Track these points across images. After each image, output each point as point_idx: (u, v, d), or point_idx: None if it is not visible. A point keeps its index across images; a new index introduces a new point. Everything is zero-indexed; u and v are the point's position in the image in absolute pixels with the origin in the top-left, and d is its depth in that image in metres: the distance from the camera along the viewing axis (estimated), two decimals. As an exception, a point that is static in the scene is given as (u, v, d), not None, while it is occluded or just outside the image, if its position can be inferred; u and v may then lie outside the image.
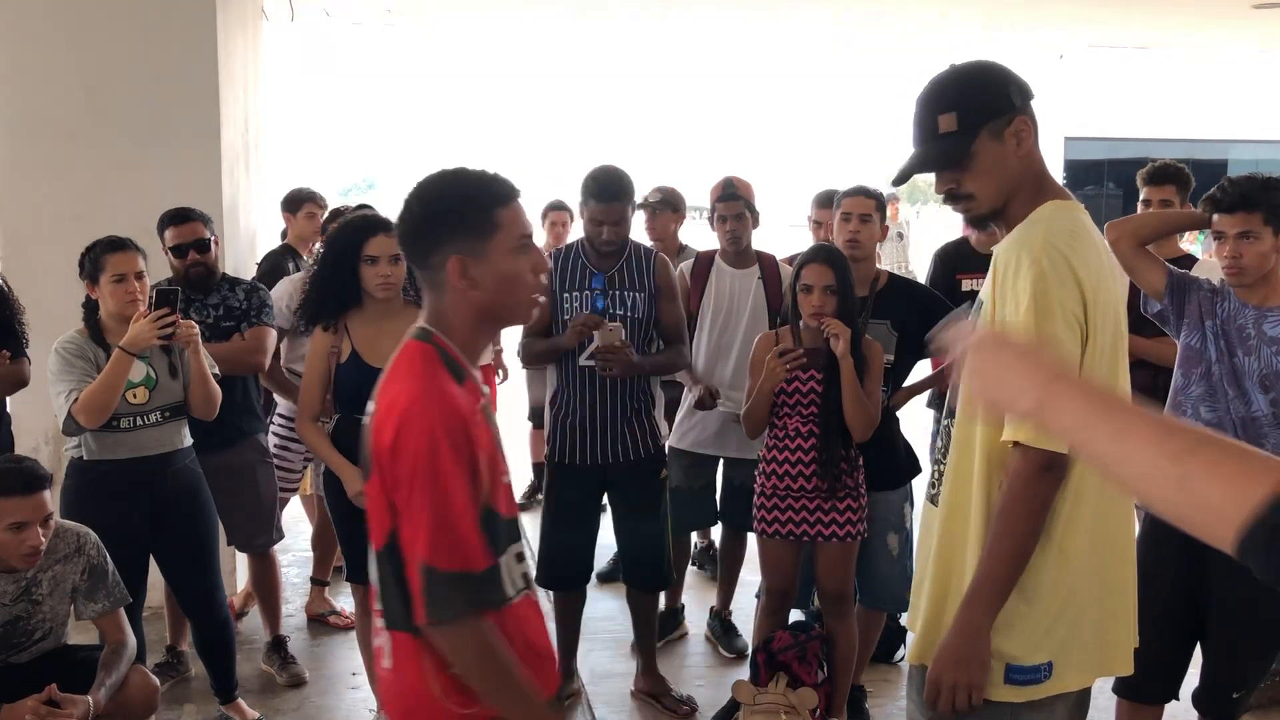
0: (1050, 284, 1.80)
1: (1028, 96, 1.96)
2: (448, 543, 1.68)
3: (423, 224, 1.81)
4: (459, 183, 1.84)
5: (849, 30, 10.03)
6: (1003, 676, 1.90)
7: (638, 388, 3.74)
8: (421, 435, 1.69)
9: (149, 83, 4.67)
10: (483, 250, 1.79)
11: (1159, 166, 3.96)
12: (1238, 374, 2.85)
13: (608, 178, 3.65)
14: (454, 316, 1.83)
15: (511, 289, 1.82)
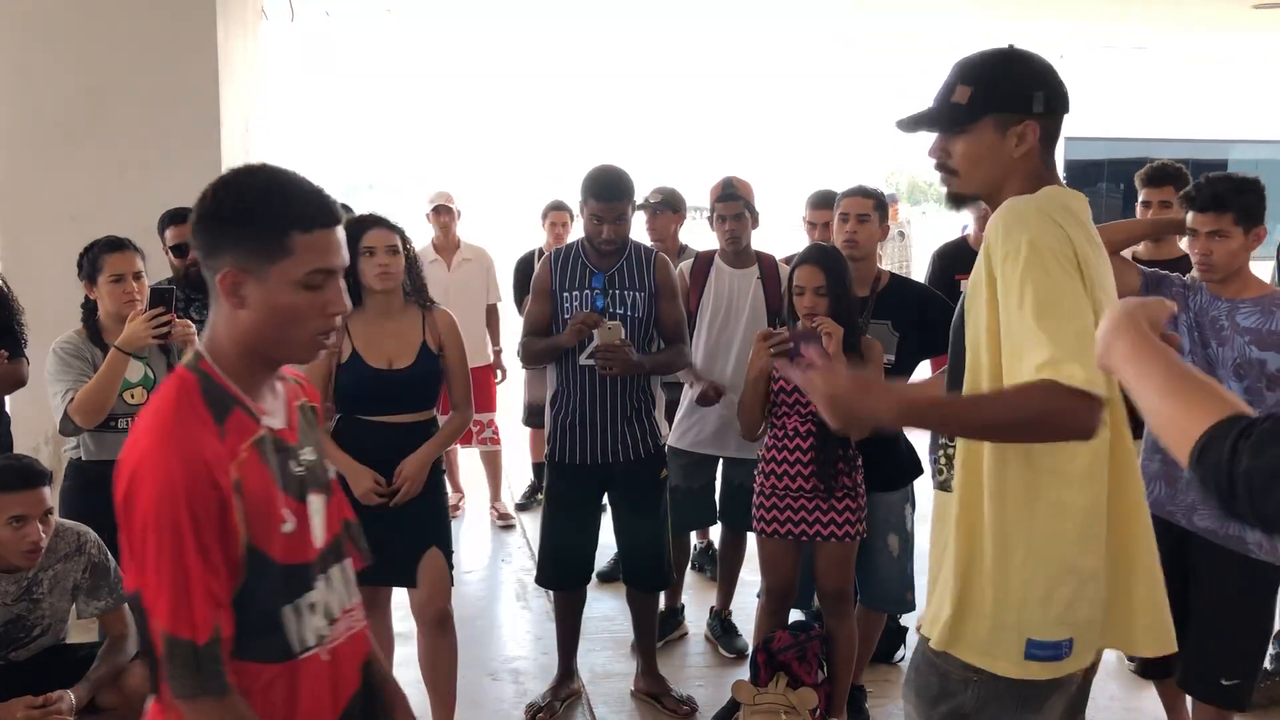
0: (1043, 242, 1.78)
1: (1055, 105, 1.95)
2: (186, 609, 1.49)
3: (212, 218, 1.58)
4: (269, 188, 1.58)
5: (849, 30, 10.04)
6: (1022, 651, 1.87)
7: (638, 387, 3.74)
8: (153, 491, 1.49)
9: (149, 83, 4.67)
10: (264, 272, 1.56)
11: (1157, 167, 3.97)
12: (1212, 364, 2.97)
13: (608, 177, 3.65)
14: (224, 337, 1.61)
15: (283, 324, 1.59)
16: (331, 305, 1.60)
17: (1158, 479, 3.08)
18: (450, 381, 3.46)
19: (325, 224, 1.59)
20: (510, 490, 6.49)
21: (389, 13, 9.12)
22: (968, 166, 1.98)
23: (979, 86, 1.94)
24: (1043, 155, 1.96)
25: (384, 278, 3.30)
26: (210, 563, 1.51)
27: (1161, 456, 3.09)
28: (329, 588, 1.71)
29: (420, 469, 3.34)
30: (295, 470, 1.66)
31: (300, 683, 1.64)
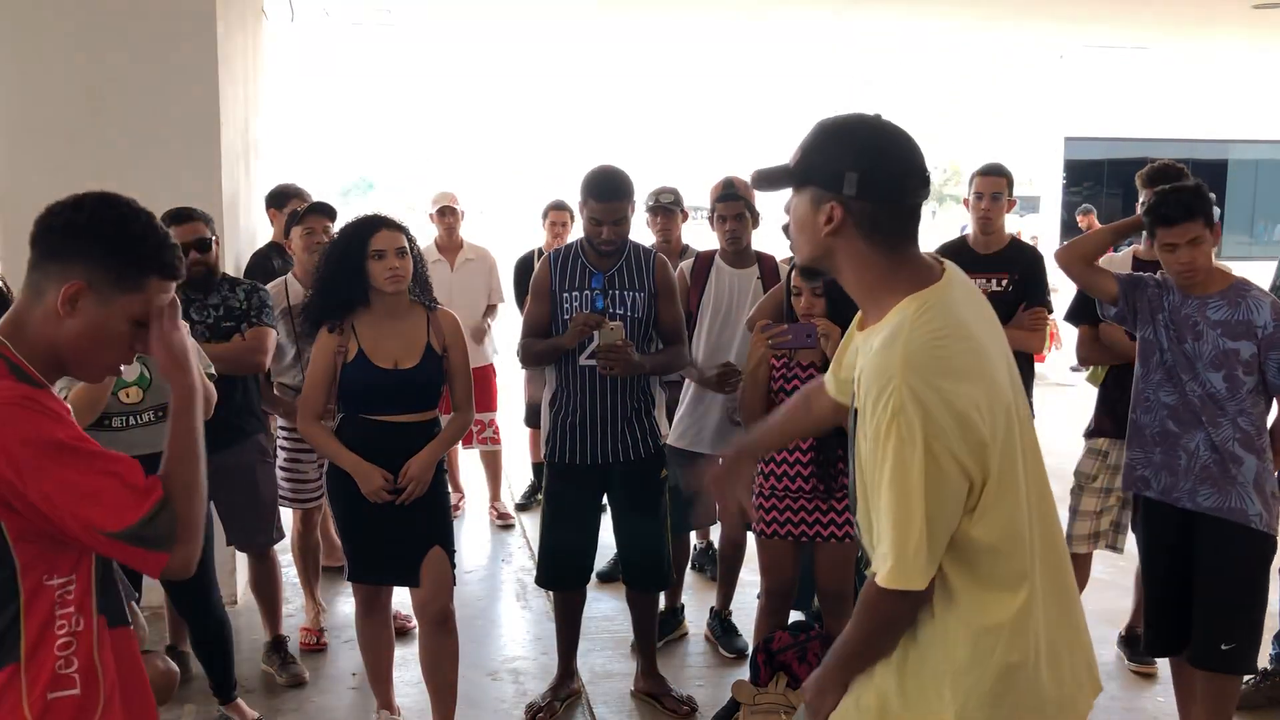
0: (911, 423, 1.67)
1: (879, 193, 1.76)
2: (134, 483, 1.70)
3: (83, 231, 1.69)
4: (149, 228, 1.74)
5: (850, 30, 10.04)
6: None
7: (637, 387, 3.74)
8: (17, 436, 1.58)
9: (149, 83, 4.66)
10: (109, 297, 1.68)
11: (1159, 167, 4.01)
12: (1189, 358, 3.17)
13: (607, 177, 3.65)
14: (36, 335, 1.69)
15: (98, 345, 1.71)
16: (140, 346, 1.76)
17: (1161, 469, 3.27)
18: (453, 382, 3.46)
19: (176, 277, 1.77)
20: (510, 490, 6.49)
21: (389, 13, 9.11)
22: (794, 233, 1.88)
23: (804, 153, 1.82)
24: (874, 243, 1.78)
25: (395, 280, 3.30)
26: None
27: (1161, 449, 3.26)
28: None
29: (426, 469, 3.34)
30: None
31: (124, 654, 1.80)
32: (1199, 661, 3.30)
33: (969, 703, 1.77)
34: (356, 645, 3.76)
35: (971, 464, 1.71)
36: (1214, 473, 3.18)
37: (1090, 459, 4.14)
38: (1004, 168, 4.43)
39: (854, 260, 1.81)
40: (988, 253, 4.34)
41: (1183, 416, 3.21)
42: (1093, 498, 4.12)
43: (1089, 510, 4.14)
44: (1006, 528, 1.76)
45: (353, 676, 4.11)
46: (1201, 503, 3.20)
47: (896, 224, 1.80)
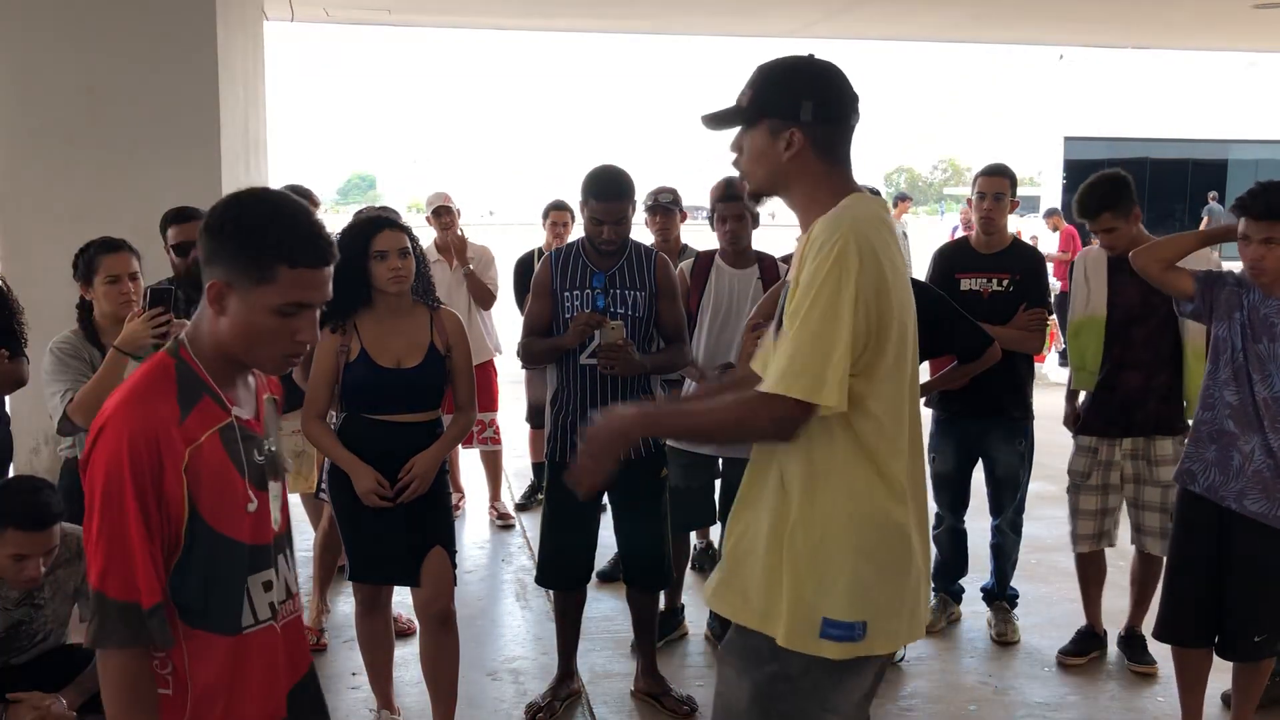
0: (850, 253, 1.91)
1: (829, 114, 2.05)
2: (118, 571, 1.66)
3: (215, 232, 1.74)
4: (271, 219, 1.73)
5: (849, 29, 10.04)
6: (819, 630, 1.99)
7: (638, 387, 3.74)
8: (104, 457, 1.67)
9: (149, 83, 4.67)
10: (247, 291, 1.72)
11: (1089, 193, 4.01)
12: (1261, 359, 3.16)
13: (608, 177, 3.65)
14: (204, 334, 1.78)
15: (252, 340, 1.75)
16: (300, 334, 1.76)
17: (1212, 466, 3.27)
18: (455, 382, 3.46)
19: (312, 264, 1.74)
20: (510, 490, 6.49)
21: (389, 13, 9.12)
22: (750, 165, 2.11)
23: (756, 91, 2.08)
24: (825, 160, 2.06)
25: (397, 281, 3.30)
26: (150, 533, 1.67)
27: (1216, 446, 3.26)
28: (288, 566, 1.91)
29: (431, 467, 3.34)
30: (258, 459, 1.82)
31: (253, 653, 1.81)
32: (1229, 653, 3.35)
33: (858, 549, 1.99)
34: (356, 645, 3.76)
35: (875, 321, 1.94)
36: (1266, 478, 3.15)
37: (1081, 457, 4.15)
38: (1007, 168, 4.43)
39: (809, 180, 2.07)
40: (989, 253, 4.34)
41: (1243, 418, 3.19)
42: (1091, 496, 4.13)
43: (1090, 510, 4.14)
44: (891, 409, 1.99)
45: (353, 676, 4.11)
46: (1249, 506, 3.18)
47: (842, 145, 2.09)
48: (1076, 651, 4.27)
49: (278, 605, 1.86)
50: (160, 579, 1.69)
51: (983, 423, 4.35)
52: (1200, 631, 3.39)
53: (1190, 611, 3.38)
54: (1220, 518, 3.26)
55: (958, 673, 4.21)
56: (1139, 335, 3.95)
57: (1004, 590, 4.60)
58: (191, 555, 1.73)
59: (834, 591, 1.98)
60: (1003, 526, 4.52)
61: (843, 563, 1.98)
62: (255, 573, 1.81)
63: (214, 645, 1.76)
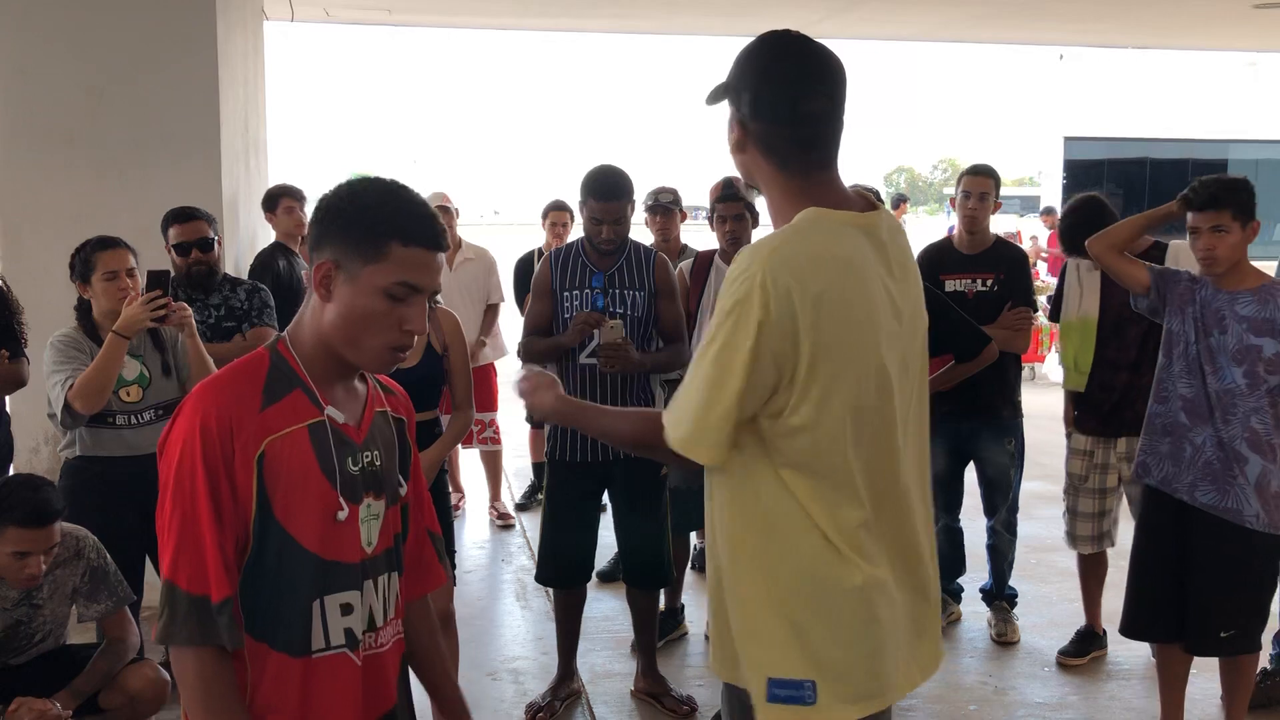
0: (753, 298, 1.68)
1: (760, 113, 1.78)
2: (188, 561, 1.57)
3: (327, 210, 1.65)
4: (385, 196, 1.64)
5: (849, 29, 10.04)
6: (765, 694, 1.78)
7: (638, 386, 3.74)
8: (179, 438, 1.60)
9: (149, 83, 4.67)
10: (356, 271, 1.61)
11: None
12: (1213, 351, 3.23)
13: (607, 177, 3.66)
14: (307, 325, 1.68)
15: (360, 326, 1.62)
16: (409, 321, 1.63)
17: (1166, 459, 3.33)
18: (453, 382, 3.46)
19: (425, 244, 1.63)
20: (510, 490, 6.49)
21: (389, 13, 9.11)
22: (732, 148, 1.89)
23: (735, 72, 1.84)
24: (776, 163, 1.79)
25: None
26: (222, 522, 1.57)
27: (1170, 439, 3.30)
28: (375, 594, 1.71)
29: (431, 470, 3.34)
30: (351, 468, 1.67)
31: (318, 681, 1.65)
32: (1196, 650, 3.38)
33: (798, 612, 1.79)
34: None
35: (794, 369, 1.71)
36: (1216, 470, 3.21)
37: (1077, 459, 4.16)
38: (991, 168, 4.47)
39: (764, 178, 1.84)
40: (973, 253, 4.35)
41: (1196, 410, 3.25)
42: (1089, 499, 4.14)
43: (1088, 512, 4.15)
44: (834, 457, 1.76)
45: (353, 676, 4.11)
46: (1199, 499, 3.25)
47: (795, 145, 1.78)
48: (1076, 652, 4.27)
49: (359, 634, 1.68)
50: (232, 572, 1.58)
51: (972, 423, 4.35)
52: (1165, 627, 3.42)
53: (1153, 607, 3.42)
54: (1179, 512, 3.31)
55: (958, 673, 4.21)
56: (1131, 335, 3.96)
57: (1002, 590, 4.60)
58: (263, 555, 1.61)
59: (773, 647, 1.79)
60: (997, 527, 4.53)
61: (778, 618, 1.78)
62: (332, 592, 1.65)
63: (277, 663, 1.63)
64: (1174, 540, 3.35)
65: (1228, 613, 3.29)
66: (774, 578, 1.80)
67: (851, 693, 1.79)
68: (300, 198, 5.33)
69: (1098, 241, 3.52)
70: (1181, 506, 3.30)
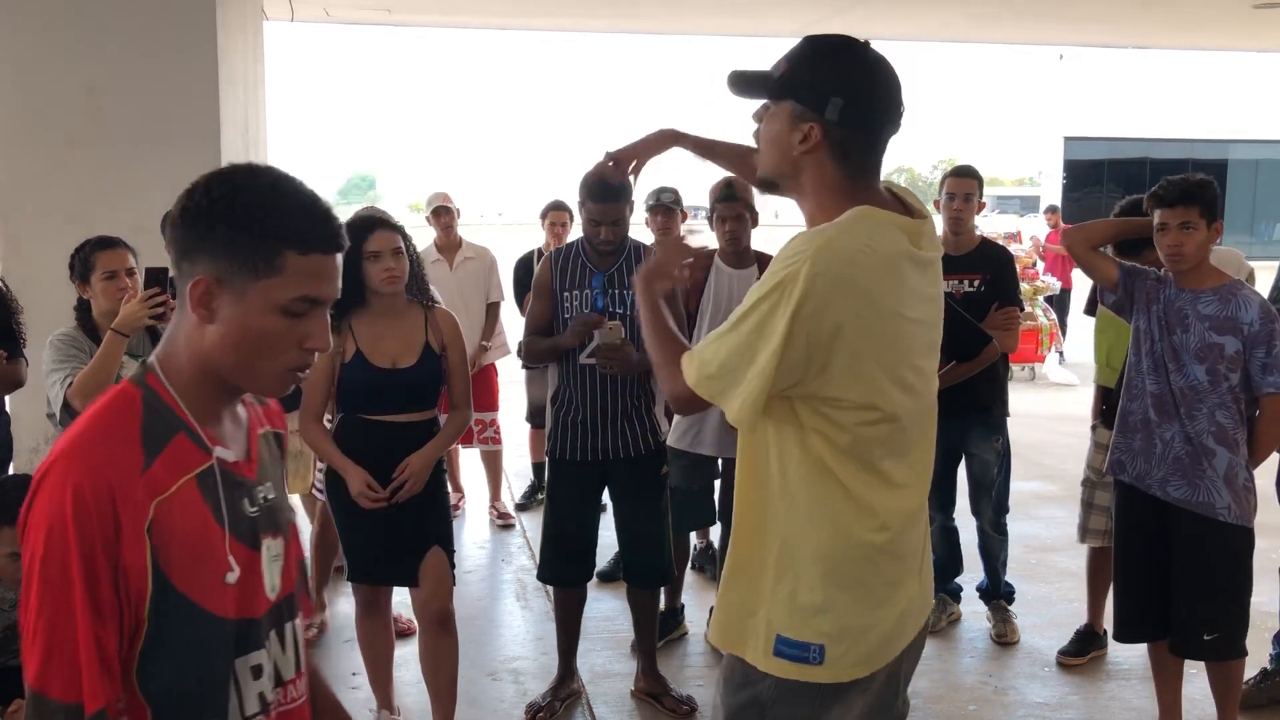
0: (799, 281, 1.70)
1: (858, 121, 1.79)
2: (60, 665, 1.26)
3: (199, 216, 1.36)
4: (271, 196, 1.38)
5: (849, 30, 10.04)
6: (772, 647, 1.86)
7: (638, 385, 3.75)
8: (45, 516, 1.28)
9: (149, 83, 4.67)
10: (243, 288, 1.35)
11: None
12: (1176, 349, 3.28)
13: (605, 178, 3.65)
14: (183, 352, 1.40)
15: (253, 350, 1.38)
16: (311, 339, 1.40)
17: (1139, 455, 3.38)
18: (451, 381, 3.46)
19: (326, 249, 1.39)
20: (510, 490, 6.49)
21: (389, 13, 9.12)
22: (764, 145, 1.89)
23: (791, 66, 1.83)
24: (844, 167, 1.82)
25: (391, 281, 3.30)
26: (101, 614, 1.28)
27: (1142, 435, 3.36)
28: (280, 648, 1.50)
29: (426, 466, 3.34)
30: (249, 510, 1.44)
31: None
32: (1179, 651, 3.41)
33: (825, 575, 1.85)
34: (356, 645, 3.76)
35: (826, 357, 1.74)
36: (1185, 465, 3.27)
37: (1101, 454, 4.15)
38: (974, 169, 4.51)
39: (819, 181, 1.84)
40: (959, 254, 4.36)
41: (1163, 406, 3.30)
42: (1106, 492, 4.14)
43: (1104, 505, 4.15)
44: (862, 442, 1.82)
45: (353, 676, 4.11)
46: (1171, 493, 3.30)
47: (869, 154, 1.84)
48: (1076, 651, 4.27)
49: (269, 696, 1.46)
50: (112, 673, 1.29)
51: (961, 421, 4.36)
52: (1154, 626, 3.45)
53: (1140, 607, 3.46)
54: (1154, 507, 3.35)
55: (958, 673, 4.21)
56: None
57: (998, 588, 4.60)
58: (163, 636, 1.33)
59: (791, 611, 1.85)
60: (984, 527, 4.54)
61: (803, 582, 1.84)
62: (243, 654, 1.41)
63: None
64: (1153, 537, 3.39)
65: (1210, 615, 3.32)
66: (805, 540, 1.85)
67: (859, 655, 1.86)
68: None
69: (1074, 234, 3.60)
70: (1158, 503, 3.34)
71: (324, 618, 4.62)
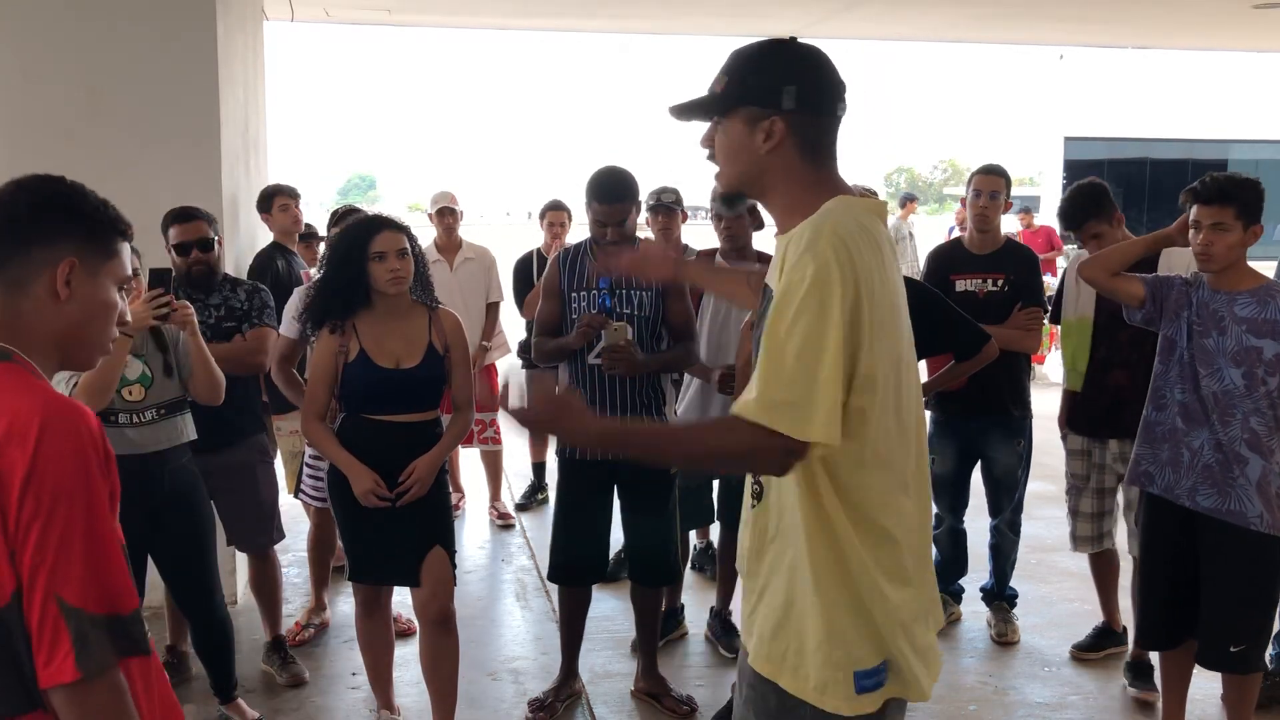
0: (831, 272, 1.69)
1: (816, 104, 1.83)
2: (99, 580, 1.45)
3: (46, 210, 1.59)
4: (88, 193, 1.66)
5: (850, 29, 10.04)
6: (853, 688, 1.79)
7: (647, 384, 3.75)
8: (69, 452, 1.46)
9: (149, 83, 4.66)
10: (96, 269, 1.62)
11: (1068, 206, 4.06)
12: (1209, 354, 3.20)
13: (612, 179, 3.66)
14: (35, 330, 1.58)
15: (101, 322, 1.64)
16: (123, 313, 1.70)
17: (1166, 465, 3.31)
18: (454, 382, 3.46)
19: (129, 238, 1.70)
20: (510, 490, 6.49)
21: (389, 13, 9.11)
22: (723, 160, 1.90)
23: (733, 77, 1.86)
24: (808, 156, 1.84)
25: (396, 282, 3.31)
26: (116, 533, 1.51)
27: (1169, 445, 3.29)
28: None
29: (432, 470, 3.35)
30: None
31: (153, 682, 1.61)
32: (1209, 663, 3.34)
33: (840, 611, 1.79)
34: (356, 645, 3.76)
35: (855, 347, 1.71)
36: (1215, 473, 3.19)
37: (1077, 460, 4.16)
38: (1002, 168, 4.45)
39: (788, 176, 1.85)
40: (983, 253, 4.34)
41: (1192, 413, 3.23)
42: (1090, 499, 4.14)
43: (1088, 512, 4.15)
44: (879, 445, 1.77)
45: (353, 676, 4.11)
46: (1201, 503, 3.23)
47: (827, 136, 1.87)
48: (1092, 646, 4.26)
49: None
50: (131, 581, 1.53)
51: (983, 422, 4.35)
52: (1175, 635, 3.43)
53: (1162, 616, 3.43)
54: (1182, 518, 3.29)
55: (958, 673, 4.21)
56: (1125, 336, 3.95)
57: (1003, 590, 4.60)
58: None
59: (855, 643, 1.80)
60: (1001, 526, 4.52)
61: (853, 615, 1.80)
62: None
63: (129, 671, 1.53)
64: (1181, 549, 3.33)
65: (1238, 628, 3.27)
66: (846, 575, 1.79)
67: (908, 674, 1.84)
68: (295, 195, 5.34)
69: (1090, 266, 3.53)
70: (1187, 514, 3.28)
71: (324, 617, 4.63)
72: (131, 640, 1.50)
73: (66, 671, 1.43)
